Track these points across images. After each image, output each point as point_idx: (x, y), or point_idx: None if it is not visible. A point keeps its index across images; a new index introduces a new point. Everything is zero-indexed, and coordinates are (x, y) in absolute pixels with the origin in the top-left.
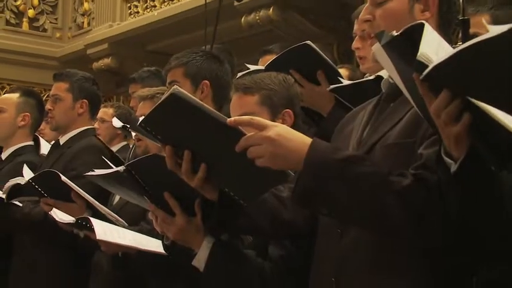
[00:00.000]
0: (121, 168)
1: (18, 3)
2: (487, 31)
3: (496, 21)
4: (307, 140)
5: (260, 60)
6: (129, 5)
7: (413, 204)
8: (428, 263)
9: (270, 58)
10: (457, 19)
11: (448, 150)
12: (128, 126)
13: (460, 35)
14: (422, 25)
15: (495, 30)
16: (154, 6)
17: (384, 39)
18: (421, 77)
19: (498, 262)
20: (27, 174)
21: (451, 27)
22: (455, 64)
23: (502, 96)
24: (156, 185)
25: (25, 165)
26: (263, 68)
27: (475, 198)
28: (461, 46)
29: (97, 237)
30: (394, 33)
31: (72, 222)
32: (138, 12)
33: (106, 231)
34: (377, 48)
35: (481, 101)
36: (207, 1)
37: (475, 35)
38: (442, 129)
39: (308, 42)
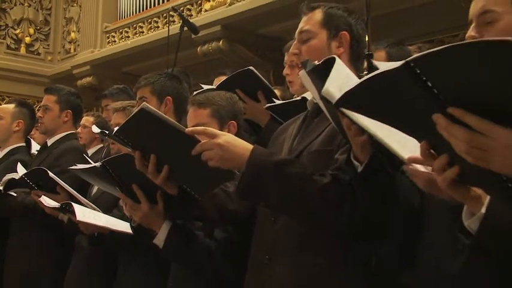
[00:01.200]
0: (98, 164)
1: (17, 31)
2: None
3: (390, 57)
4: (250, 146)
5: (215, 79)
6: (107, 35)
7: (330, 199)
8: (343, 244)
9: (223, 78)
10: (364, 53)
11: (356, 155)
12: (106, 132)
13: (366, 65)
14: (334, 59)
15: (383, 66)
16: (128, 36)
17: (308, 67)
18: (332, 104)
19: (386, 242)
20: (21, 170)
21: (360, 59)
22: (356, 94)
23: (392, 119)
24: (126, 178)
25: (19, 163)
26: (214, 87)
27: (376, 194)
28: (360, 80)
29: (77, 219)
30: (316, 62)
31: (57, 206)
32: (115, 41)
33: (85, 214)
34: (302, 73)
35: (378, 121)
36: (170, 34)
37: (377, 67)
38: (352, 139)
39: (251, 67)
